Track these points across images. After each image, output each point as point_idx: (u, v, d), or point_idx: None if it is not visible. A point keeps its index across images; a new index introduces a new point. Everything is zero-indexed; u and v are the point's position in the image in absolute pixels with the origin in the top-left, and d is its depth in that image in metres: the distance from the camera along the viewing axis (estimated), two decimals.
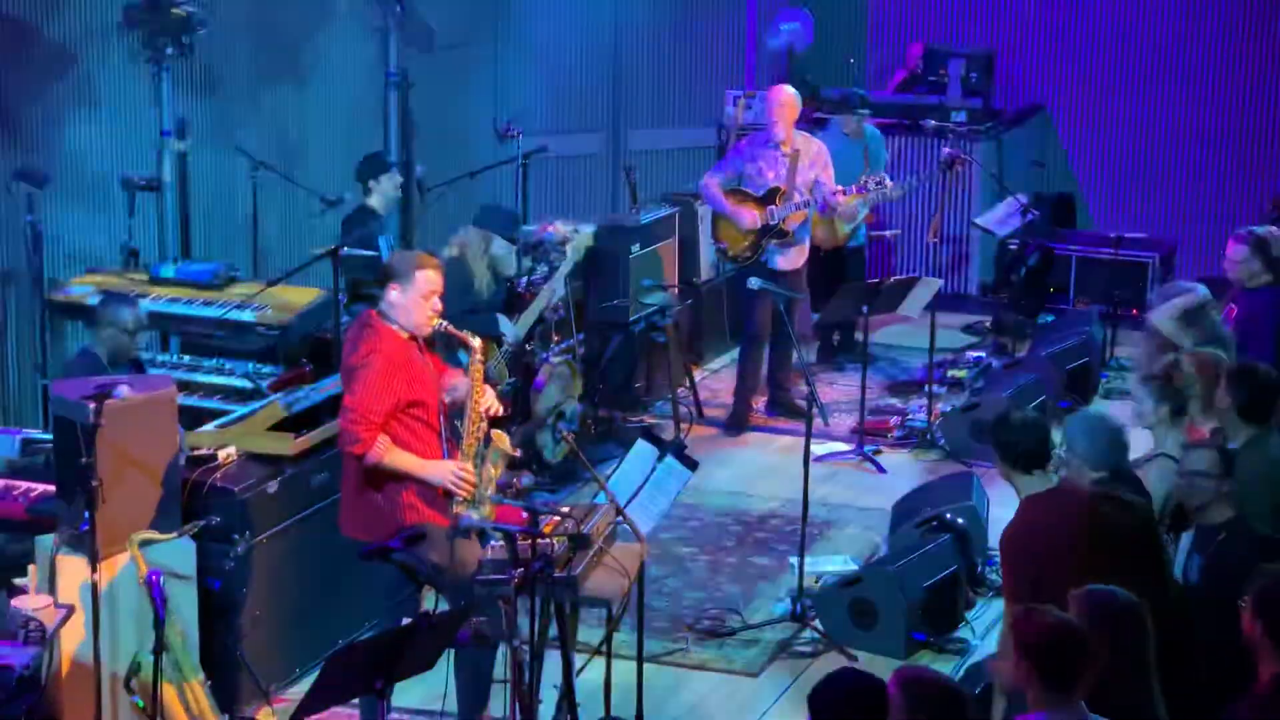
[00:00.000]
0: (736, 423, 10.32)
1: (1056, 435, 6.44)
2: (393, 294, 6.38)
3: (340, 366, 6.62)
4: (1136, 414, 7.11)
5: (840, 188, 10.04)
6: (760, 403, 10.54)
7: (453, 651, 6.21)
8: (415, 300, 6.37)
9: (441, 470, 6.34)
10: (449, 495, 6.34)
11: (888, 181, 10.31)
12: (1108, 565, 5.52)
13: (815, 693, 4.67)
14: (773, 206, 9.93)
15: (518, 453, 6.68)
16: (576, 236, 9.48)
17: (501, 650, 6.26)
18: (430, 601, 6.68)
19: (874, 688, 4.65)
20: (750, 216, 9.94)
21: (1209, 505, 6.15)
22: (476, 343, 6.44)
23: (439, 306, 6.43)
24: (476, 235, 8.85)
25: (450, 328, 6.47)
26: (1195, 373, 7.10)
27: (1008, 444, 6.20)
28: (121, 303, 7.77)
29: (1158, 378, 6.96)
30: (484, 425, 6.46)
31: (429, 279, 6.39)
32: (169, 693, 6.18)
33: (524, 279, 9.37)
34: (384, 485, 6.35)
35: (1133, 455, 6.62)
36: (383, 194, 9.54)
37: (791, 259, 10.08)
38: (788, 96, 10.02)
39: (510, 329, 8.91)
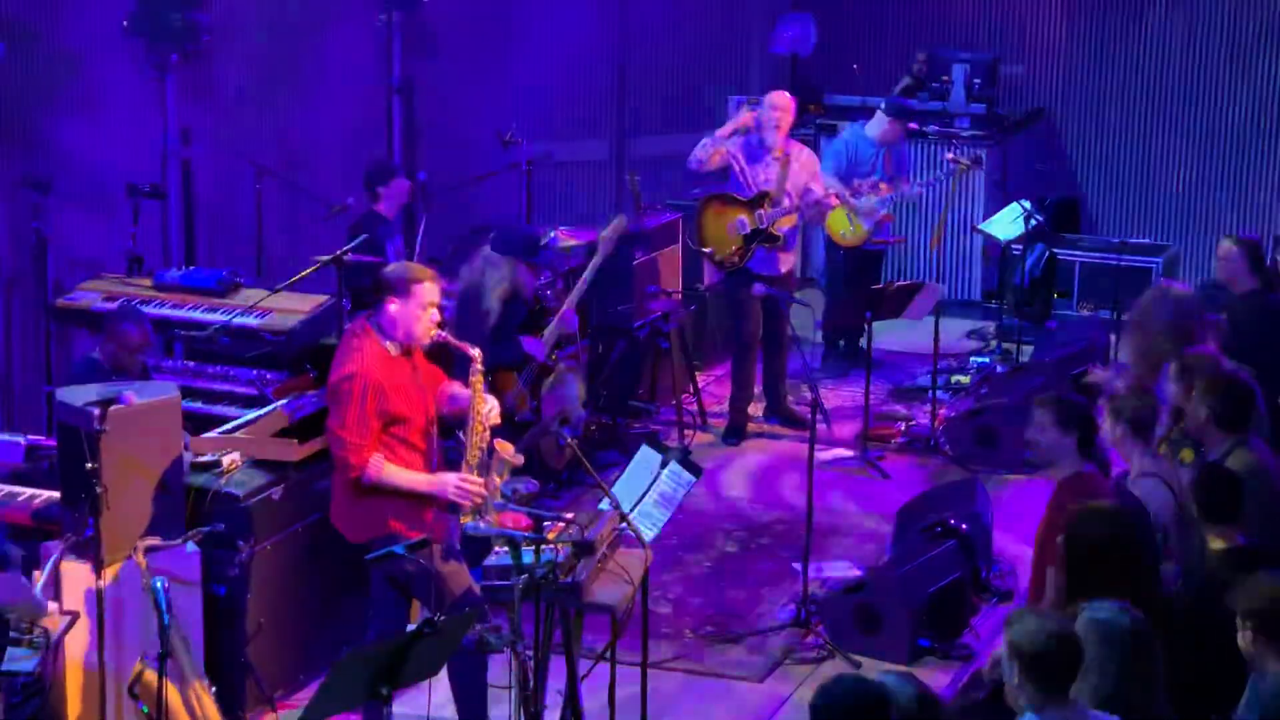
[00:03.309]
0: (734, 432, 10.28)
1: None
2: (391, 307, 6.34)
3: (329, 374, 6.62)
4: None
5: (833, 191, 10.03)
6: (759, 410, 10.50)
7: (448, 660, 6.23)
8: (414, 312, 6.33)
9: (443, 484, 6.33)
10: (455, 508, 6.34)
11: (882, 186, 10.30)
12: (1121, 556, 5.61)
13: (817, 700, 4.67)
14: (761, 210, 9.92)
15: (521, 460, 6.68)
16: (610, 225, 9.35)
17: (505, 656, 6.26)
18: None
19: (875, 694, 4.65)
20: (737, 223, 9.90)
21: (1200, 529, 6.12)
22: (476, 353, 6.43)
23: (438, 317, 6.42)
24: (500, 263, 8.70)
25: (449, 337, 6.46)
26: (1176, 375, 7.09)
27: (1082, 424, 6.22)
28: (127, 319, 7.73)
29: (1114, 398, 6.91)
30: (487, 435, 6.45)
31: (427, 290, 6.35)
32: (174, 699, 6.18)
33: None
34: (372, 491, 6.35)
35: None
36: (391, 198, 9.53)
37: (778, 264, 10.07)
38: (785, 101, 10.03)
39: (537, 348, 8.84)
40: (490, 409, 6.47)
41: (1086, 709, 4.90)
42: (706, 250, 10.15)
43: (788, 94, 10.15)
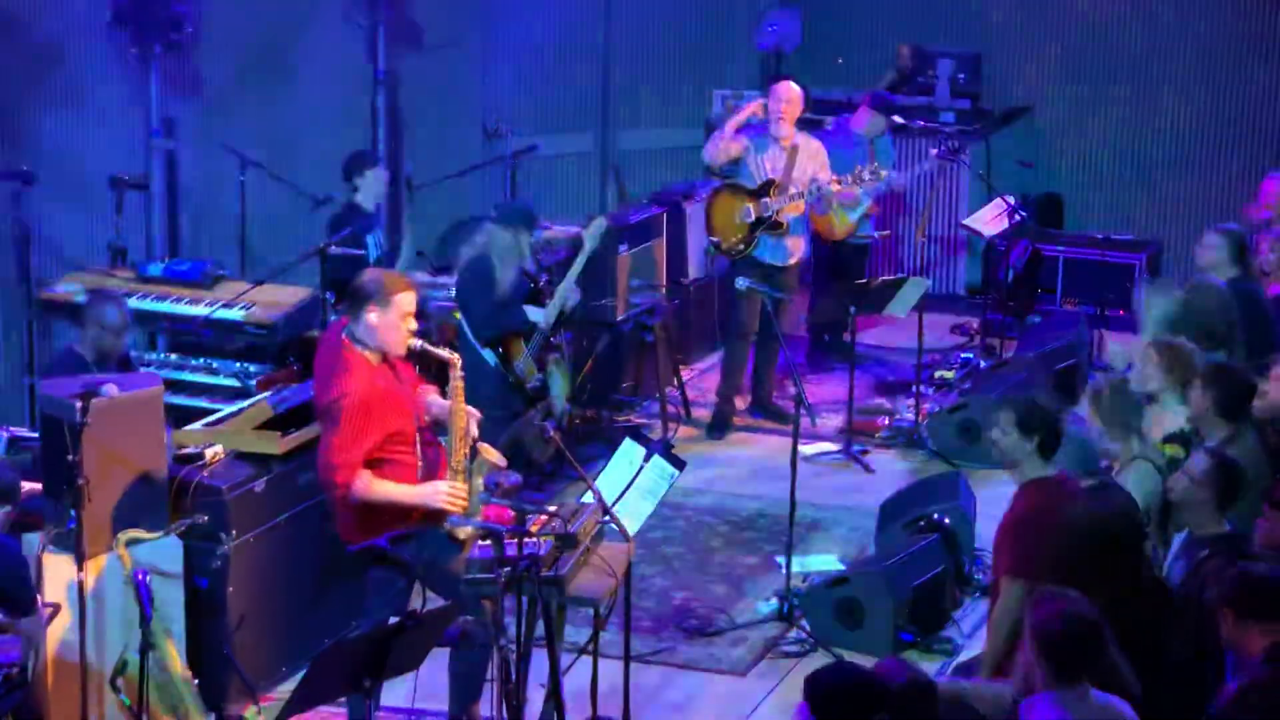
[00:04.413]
0: (719, 425, 10.27)
1: None
2: (370, 316, 6.31)
3: (314, 392, 6.60)
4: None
5: (836, 177, 10.05)
6: (743, 404, 10.51)
7: (448, 651, 6.23)
8: (393, 322, 6.31)
9: (430, 494, 6.30)
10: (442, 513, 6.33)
11: (882, 172, 10.32)
12: (1096, 555, 5.60)
13: (814, 684, 4.68)
14: (767, 199, 9.93)
15: (504, 464, 6.67)
16: (592, 224, 9.38)
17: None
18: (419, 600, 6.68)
19: (871, 683, 4.68)
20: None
21: (1200, 516, 6.15)
22: (455, 359, 6.42)
23: (415, 326, 6.41)
24: (503, 233, 8.75)
25: (426, 346, 6.45)
26: (1164, 365, 7.16)
27: (1044, 428, 6.21)
28: (107, 302, 7.75)
29: (1098, 394, 6.96)
30: (469, 440, 6.43)
31: (407, 300, 6.34)
32: (155, 692, 6.18)
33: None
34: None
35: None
36: (369, 190, 9.54)
37: (786, 253, 10.07)
38: (794, 93, 10.03)
39: (541, 316, 8.91)
40: (471, 419, 6.46)
41: (1095, 690, 4.92)
42: (713, 239, 10.16)
43: (795, 85, 10.15)
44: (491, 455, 6.47)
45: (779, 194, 9.92)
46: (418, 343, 6.39)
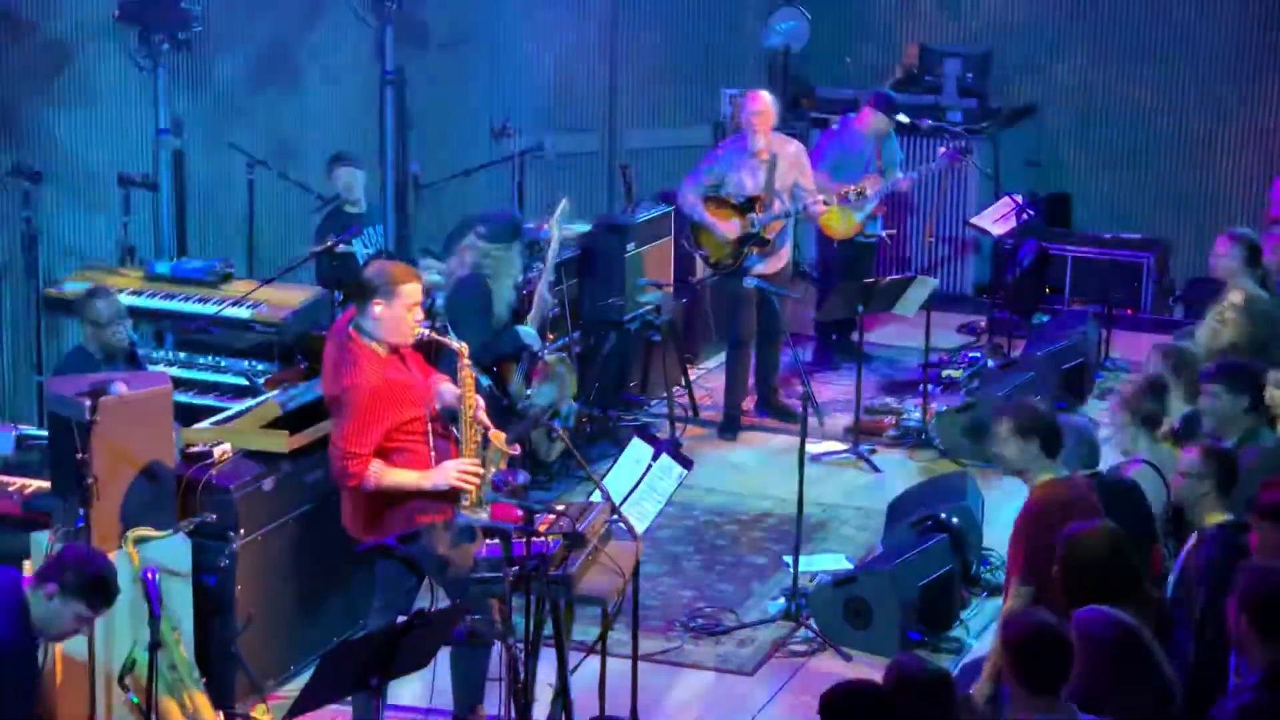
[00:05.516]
0: (730, 425, 10.27)
1: None
2: (376, 309, 6.33)
3: (323, 385, 6.61)
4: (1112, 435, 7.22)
5: (821, 197, 10.01)
6: (750, 404, 10.50)
7: (448, 649, 6.23)
8: (399, 314, 6.33)
9: (443, 475, 6.33)
10: (456, 497, 6.33)
11: (868, 190, 10.33)
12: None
13: (827, 700, 4.69)
14: (753, 215, 9.91)
15: (515, 450, 6.68)
16: (558, 210, 9.25)
17: (496, 648, 6.27)
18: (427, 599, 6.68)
19: (884, 699, 4.68)
20: (730, 227, 9.91)
21: (1204, 509, 6.17)
22: (462, 347, 6.42)
23: (421, 316, 6.42)
24: (497, 251, 8.56)
25: (434, 334, 6.46)
26: (1170, 367, 7.23)
27: (1042, 429, 6.23)
28: (94, 298, 7.72)
29: (1126, 395, 7.04)
30: (479, 427, 6.45)
31: (412, 292, 6.36)
32: (163, 690, 6.18)
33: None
34: (380, 495, 6.35)
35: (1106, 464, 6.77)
36: (341, 188, 9.55)
37: (771, 265, 10.07)
38: (763, 104, 9.95)
39: (533, 337, 8.80)
40: (481, 406, 6.47)
41: (1076, 710, 4.92)
42: (701, 252, 10.17)
43: (765, 94, 10.07)
44: (501, 442, 6.48)
45: (764, 209, 9.90)
46: (425, 332, 6.41)
